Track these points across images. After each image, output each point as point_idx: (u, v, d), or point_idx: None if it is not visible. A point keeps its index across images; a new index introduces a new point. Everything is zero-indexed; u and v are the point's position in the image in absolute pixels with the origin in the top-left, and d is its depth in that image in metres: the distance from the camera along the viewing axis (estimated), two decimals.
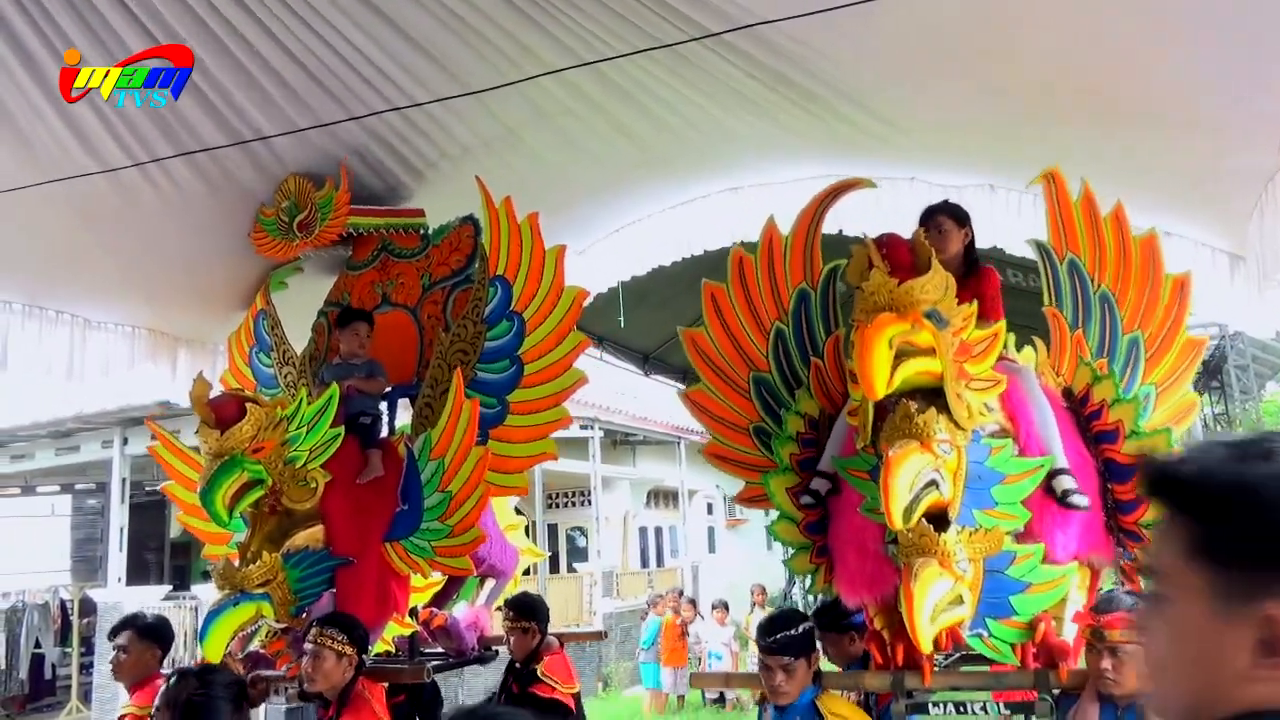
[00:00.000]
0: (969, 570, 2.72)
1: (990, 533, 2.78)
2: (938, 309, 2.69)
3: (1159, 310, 3.28)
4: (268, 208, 4.53)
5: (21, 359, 4.70)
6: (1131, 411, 3.13)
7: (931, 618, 2.61)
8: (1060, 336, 3.40)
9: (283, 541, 3.70)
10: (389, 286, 4.55)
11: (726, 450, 3.66)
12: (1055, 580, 2.90)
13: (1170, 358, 3.29)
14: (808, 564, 3.36)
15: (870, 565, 2.94)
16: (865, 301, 2.72)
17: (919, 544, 2.66)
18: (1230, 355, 17.98)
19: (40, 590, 14.71)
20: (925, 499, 2.64)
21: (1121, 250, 3.29)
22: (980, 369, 2.84)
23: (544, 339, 3.92)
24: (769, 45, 3.47)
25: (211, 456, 3.46)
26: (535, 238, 3.97)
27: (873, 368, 2.53)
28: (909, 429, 2.66)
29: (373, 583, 3.76)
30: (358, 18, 3.68)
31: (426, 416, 4.01)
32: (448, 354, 4.08)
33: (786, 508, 3.37)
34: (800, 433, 3.45)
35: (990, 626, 2.86)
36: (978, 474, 2.81)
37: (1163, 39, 3.07)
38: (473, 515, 3.71)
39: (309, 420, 3.66)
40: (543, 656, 4.16)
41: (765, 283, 3.62)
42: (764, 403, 3.58)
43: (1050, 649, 2.87)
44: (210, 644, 3.42)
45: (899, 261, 2.77)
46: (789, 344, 3.57)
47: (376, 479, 3.85)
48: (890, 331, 2.57)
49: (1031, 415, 3.05)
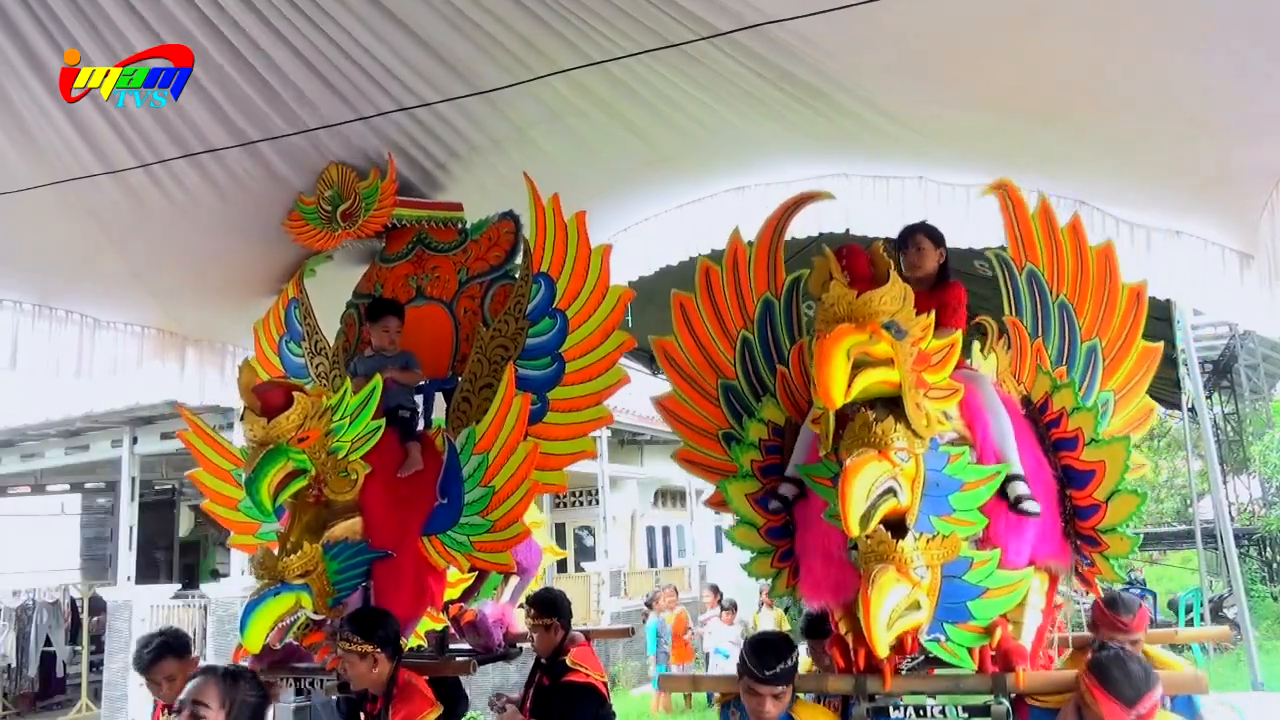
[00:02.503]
0: (926, 576, 2.76)
1: (948, 539, 2.83)
2: (896, 320, 2.75)
3: (1116, 318, 3.34)
4: (308, 196, 4.51)
5: (31, 358, 4.71)
6: (1090, 419, 3.18)
7: (888, 623, 2.65)
8: (1021, 345, 3.47)
9: (321, 532, 3.67)
10: (424, 280, 4.53)
11: (697, 455, 3.74)
12: (1012, 585, 2.95)
13: (1127, 365, 3.35)
14: (768, 568, 3.42)
15: (835, 571, 2.98)
16: (825, 312, 2.79)
17: (877, 550, 2.71)
18: (1240, 355, 17.91)
19: (50, 588, 14.79)
20: (882, 506, 2.69)
21: (1079, 260, 3.36)
22: (938, 378, 2.89)
23: (587, 337, 3.91)
24: (777, 44, 3.47)
25: (257, 444, 3.43)
26: (581, 236, 3.95)
27: (831, 378, 2.59)
28: (867, 437, 2.73)
29: (410, 576, 3.75)
30: (366, 17, 3.69)
31: (464, 411, 4.01)
32: (488, 349, 4.07)
33: (745, 513, 3.43)
34: (763, 440, 3.51)
35: (948, 631, 2.90)
36: (935, 481, 2.87)
37: (1173, 38, 3.05)
38: (517, 510, 3.69)
39: (352, 411, 3.63)
40: (569, 649, 4.17)
41: (731, 292, 3.70)
42: (732, 409, 3.65)
43: (1007, 653, 2.89)
44: (251, 635, 3.37)
45: (858, 273, 2.83)
46: (755, 352, 3.64)
47: (416, 472, 3.84)
48: (848, 342, 2.63)
49: (988, 422, 3.10)
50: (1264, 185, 3.63)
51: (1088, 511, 3.17)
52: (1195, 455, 13.30)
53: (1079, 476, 3.19)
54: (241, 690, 2.53)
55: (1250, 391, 19.38)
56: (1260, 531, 19.62)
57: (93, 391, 6.88)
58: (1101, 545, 3.16)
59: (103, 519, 17.07)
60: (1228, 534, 9.01)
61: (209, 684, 2.44)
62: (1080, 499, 3.19)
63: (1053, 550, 3.15)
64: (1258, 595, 17.50)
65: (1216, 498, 10.68)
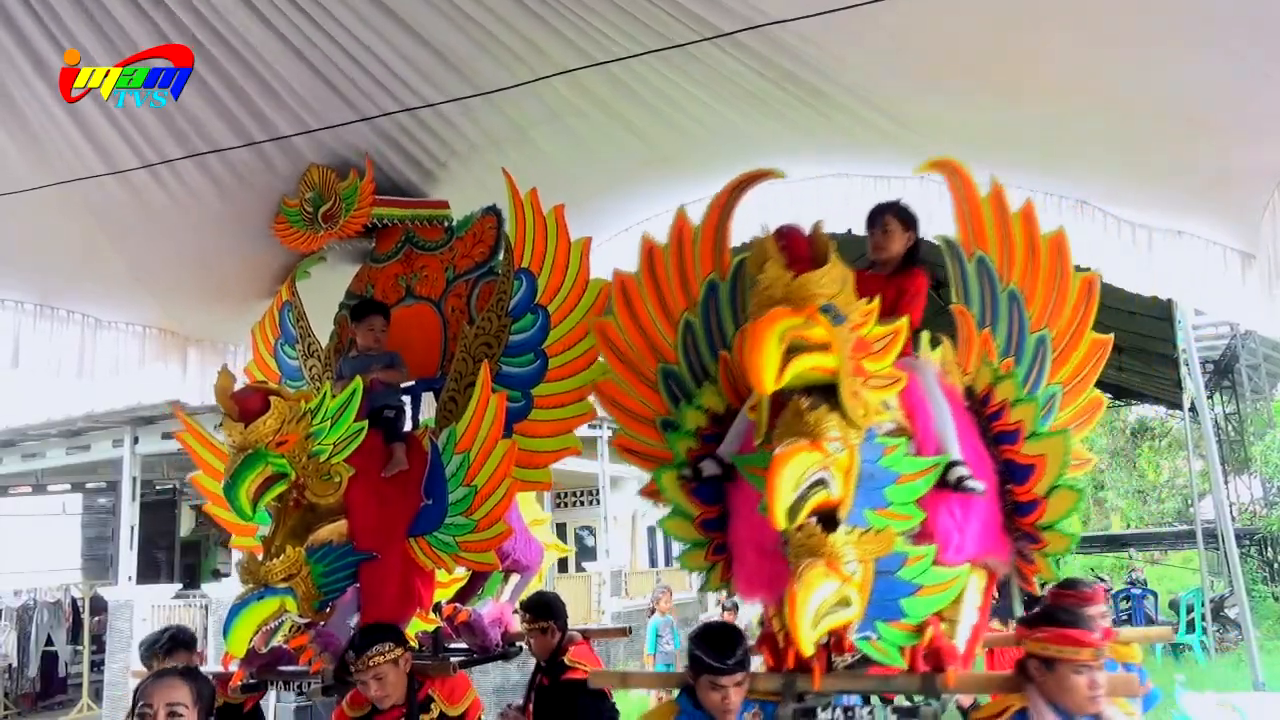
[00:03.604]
0: (858, 571, 2.62)
1: (881, 533, 2.69)
2: (834, 303, 2.61)
3: (1067, 309, 3.20)
4: (291, 198, 4.52)
5: (33, 358, 4.72)
6: (1032, 412, 3.05)
7: (814, 620, 2.52)
8: (968, 334, 3.30)
9: (306, 536, 3.67)
10: (413, 279, 4.53)
11: (635, 443, 3.56)
12: (947, 582, 2.83)
13: (1077, 357, 3.22)
14: (703, 562, 3.26)
15: (768, 565, 2.83)
16: (760, 295, 2.65)
17: (806, 544, 2.58)
18: (1241, 355, 17.91)
19: (51, 588, 14.79)
20: (812, 498, 2.55)
21: (1030, 248, 3.20)
22: (879, 366, 2.74)
23: (569, 332, 3.90)
24: (778, 44, 3.47)
25: (235, 450, 3.43)
26: (561, 231, 3.94)
27: (761, 362, 2.44)
28: (799, 426, 2.57)
29: (396, 578, 3.74)
30: (367, 17, 3.69)
31: (451, 410, 3.99)
32: (472, 347, 4.06)
33: (680, 503, 3.27)
34: (701, 428, 3.31)
35: (879, 629, 2.77)
36: (870, 473, 2.72)
37: (1173, 37, 3.05)
38: (498, 510, 3.68)
39: (333, 414, 3.63)
40: (567, 649, 4.17)
41: (675, 273, 3.50)
42: (672, 396, 3.47)
43: (938, 652, 2.78)
44: (234, 639, 3.38)
45: (797, 254, 2.69)
46: (697, 336, 3.46)
47: (400, 473, 3.82)
48: (782, 325, 2.48)
49: (929, 413, 2.97)
50: (1265, 185, 3.63)
51: (1027, 507, 3.04)
52: (1196, 455, 13.30)
53: (1019, 471, 3.06)
54: (203, 685, 2.53)
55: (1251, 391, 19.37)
56: (1261, 532, 19.62)
57: (94, 391, 6.88)
58: (1041, 542, 3.05)
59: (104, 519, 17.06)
60: (1229, 534, 9.00)
61: (179, 685, 2.41)
62: (1020, 494, 3.06)
63: (992, 547, 3.04)
64: (1259, 595, 17.50)
65: (1218, 498, 10.67)
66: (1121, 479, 30.63)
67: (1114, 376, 17.45)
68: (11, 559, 15.67)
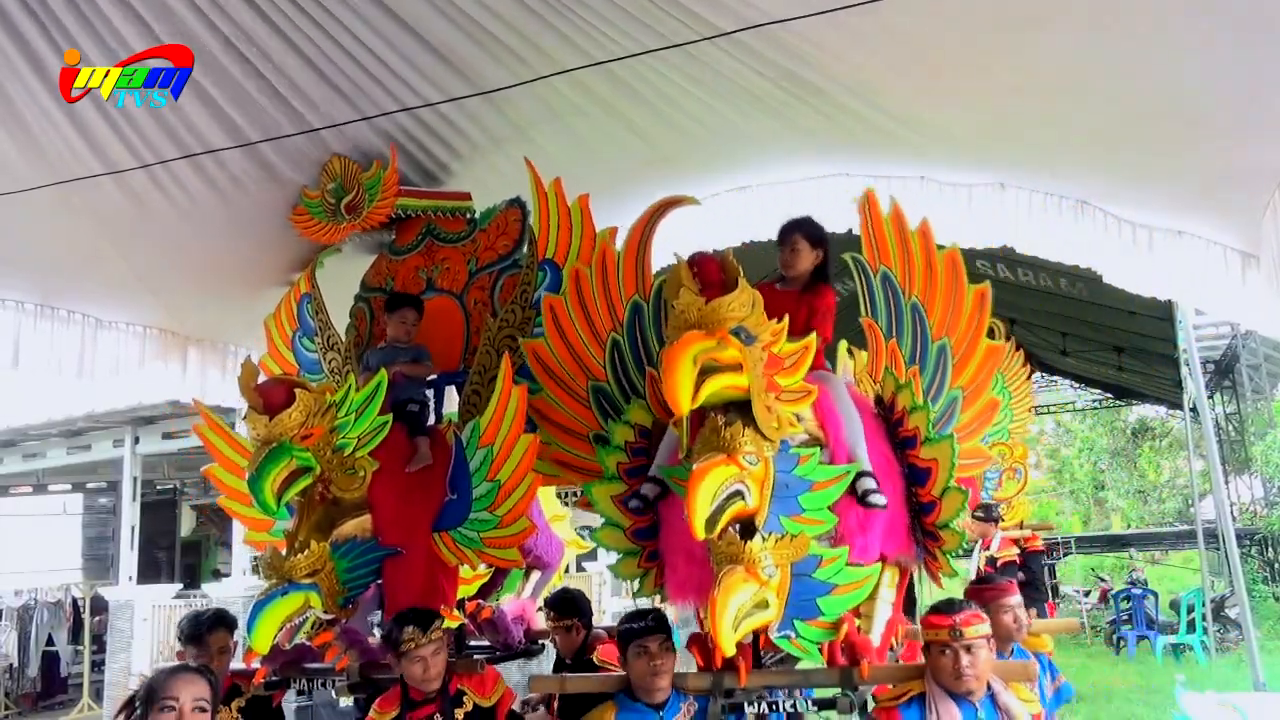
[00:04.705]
0: (775, 574, 2.81)
1: (797, 538, 2.88)
2: (745, 325, 2.78)
3: (963, 319, 3.42)
4: (311, 190, 4.48)
5: (33, 358, 4.72)
6: (925, 418, 3.26)
7: (734, 622, 2.71)
8: (876, 345, 3.54)
9: (330, 530, 3.63)
10: (434, 272, 4.48)
11: (568, 457, 3.74)
12: (860, 580, 3.05)
13: (974, 362, 3.43)
14: (635, 569, 3.44)
15: (697, 571, 3.02)
16: (675, 319, 2.83)
17: (727, 552, 2.77)
18: (1242, 355, 17.89)
19: (52, 588, 14.78)
20: (729, 509, 2.73)
21: (928, 263, 3.43)
22: (791, 381, 2.94)
23: None
24: (778, 43, 3.47)
25: (260, 443, 3.38)
26: (585, 220, 3.93)
27: (676, 384, 2.64)
28: (715, 441, 2.76)
29: (421, 573, 3.70)
30: (369, 17, 3.69)
31: (474, 404, 3.97)
32: (495, 340, 4.04)
33: (611, 514, 3.44)
34: (629, 442, 3.52)
35: (797, 627, 2.97)
36: (785, 482, 2.93)
37: (1173, 38, 3.06)
38: (521, 505, 3.65)
39: (357, 407, 3.59)
40: (594, 647, 4.13)
41: (600, 295, 3.69)
42: (602, 411, 3.66)
43: (853, 646, 2.98)
44: (258, 635, 3.34)
45: (709, 279, 2.85)
46: (624, 354, 3.64)
47: (425, 468, 3.78)
48: (695, 349, 2.67)
49: (840, 423, 3.17)
50: (1266, 185, 3.63)
51: (928, 507, 3.27)
52: (1197, 455, 13.28)
53: (919, 473, 3.29)
54: (217, 686, 2.52)
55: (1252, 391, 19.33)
56: (1262, 532, 19.59)
57: (94, 391, 6.88)
58: (939, 540, 3.26)
59: (104, 519, 17.07)
60: (1230, 534, 8.98)
61: (201, 681, 2.41)
62: (922, 495, 3.28)
63: (901, 545, 3.25)
64: (1259, 595, 17.47)
65: (1218, 498, 10.65)
66: (1122, 479, 30.64)
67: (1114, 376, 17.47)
68: (12, 559, 15.68)
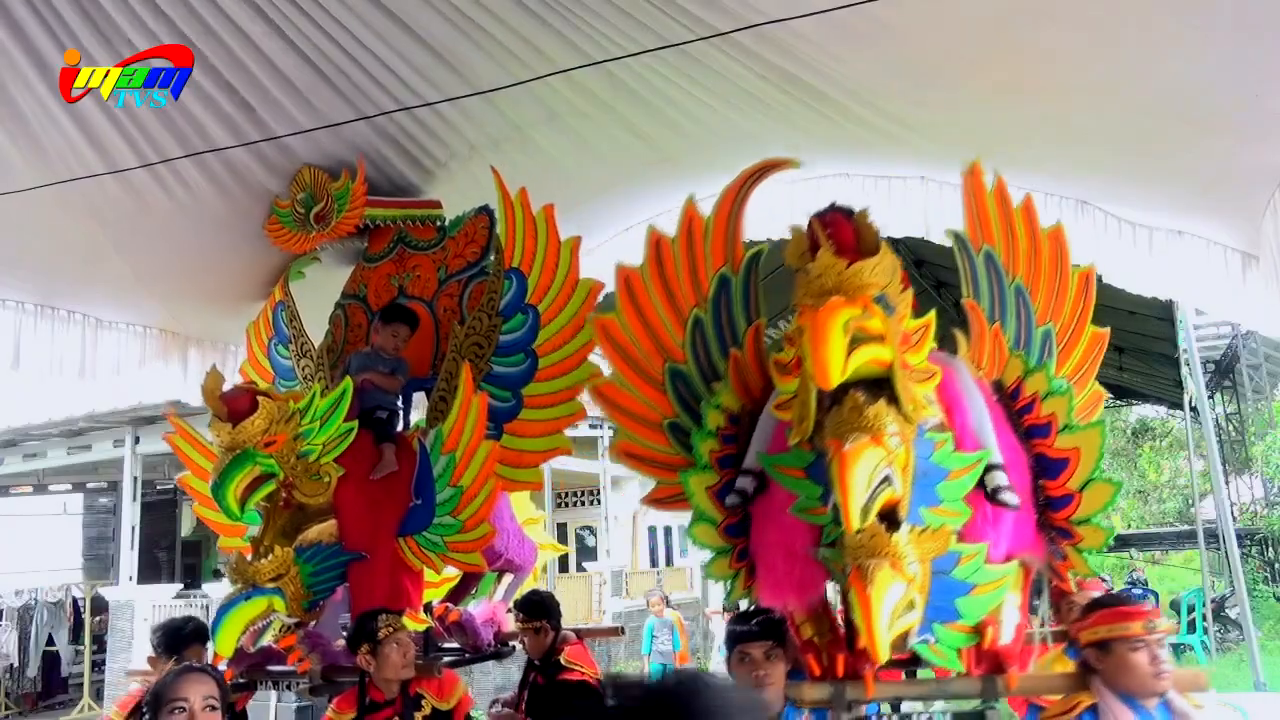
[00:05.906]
0: (918, 572, 2.50)
1: (938, 532, 2.58)
2: (886, 294, 2.48)
3: (1068, 303, 3.18)
4: (283, 200, 4.54)
5: (34, 358, 4.74)
6: (1064, 404, 2.96)
7: (890, 623, 2.40)
8: (979, 329, 3.21)
9: (296, 536, 3.69)
10: (405, 279, 4.54)
11: (638, 448, 3.36)
12: (998, 581, 2.71)
13: (1079, 350, 3.21)
14: (727, 569, 3.08)
15: (798, 569, 2.74)
16: (812, 284, 2.47)
17: (869, 545, 2.44)
18: (1243, 355, 17.89)
19: (52, 588, 14.78)
20: (881, 496, 2.43)
21: (1032, 242, 3.17)
22: (917, 359, 2.64)
23: (558, 332, 3.90)
24: (778, 45, 3.47)
25: (224, 450, 3.46)
26: (550, 230, 3.94)
27: (829, 354, 2.32)
28: (858, 422, 2.42)
29: (385, 578, 3.76)
30: (367, 17, 3.69)
31: (441, 410, 4.00)
32: (462, 347, 4.06)
33: (706, 508, 3.09)
34: (720, 428, 3.15)
35: (936, 632, 2.64)
36: (923, 470, 2.60)
37: (1173, 38, 3.05)
38: (483, 510, 3.69)
39: (322, 414, 3.64)
40: (562, 649, 4.16)
41: (684, 267, 3.30)
42: (679, 397, 3.29)
43: (996, 654, 2.70)
44: (222, 639, 3.41)
45: (843, 243, 2.52)
46: (707, 333, 3.27)
47: (390, 474, 3.83)
48: (844, 315, 2.36)
49: (967, 408, 2.84)
50: (1267, 185, 3.62)
51: (1061, 502, 2.95)
52: (1197, 455, 13.30)
53: (1052, 465, 2.96)
54: (224, 684, 2.54)
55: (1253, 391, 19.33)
56: (1263, 532, 19.60)
57: (95, 391, 6.88)
58: (1075, 537, 2.96)
59: (105, 519, 17.07)
60: (1230, 534, 9.00)
61: (208, 680, 2.42)
62: (1053, 489, 2.97)
63: (1027, 543, 2.93)
64: (1260, 595, 17.48)
65: (1219, 498, 10.67)
66: (1122, 479, 30.61)
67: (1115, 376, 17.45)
68: (12, 559, 15.68)
